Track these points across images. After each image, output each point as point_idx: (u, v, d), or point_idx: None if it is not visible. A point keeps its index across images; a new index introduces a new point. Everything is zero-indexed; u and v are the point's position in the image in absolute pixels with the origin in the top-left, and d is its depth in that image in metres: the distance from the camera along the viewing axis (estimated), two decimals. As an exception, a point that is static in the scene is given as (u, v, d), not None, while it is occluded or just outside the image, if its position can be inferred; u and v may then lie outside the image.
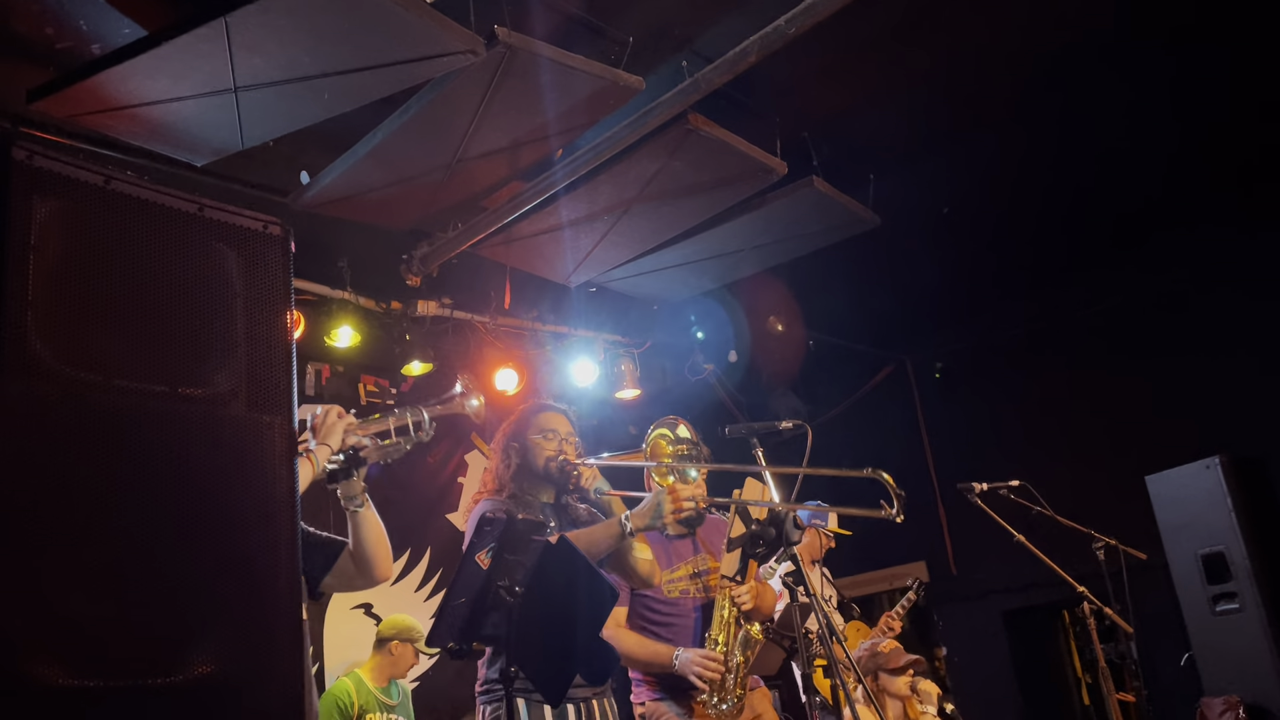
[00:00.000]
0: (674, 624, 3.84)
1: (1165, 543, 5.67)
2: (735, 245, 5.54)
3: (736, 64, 3.81)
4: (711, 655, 3.68)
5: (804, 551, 5.85)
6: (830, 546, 6.01)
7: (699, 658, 3.67)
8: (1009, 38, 4.47)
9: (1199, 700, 5.33)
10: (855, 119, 4.99)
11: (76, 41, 3.72)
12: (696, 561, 3.96)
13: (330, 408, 2.79)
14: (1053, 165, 5.58)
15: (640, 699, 3.87)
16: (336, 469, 2.76)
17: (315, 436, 2.75)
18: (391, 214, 4.78)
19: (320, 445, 2.71)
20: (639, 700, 3.88)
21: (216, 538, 1.91)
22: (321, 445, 2.71)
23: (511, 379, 6.58)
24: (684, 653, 3.70)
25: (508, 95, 3.85)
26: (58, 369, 1.77)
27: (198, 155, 4.08)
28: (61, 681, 1.68)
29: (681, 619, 3.86)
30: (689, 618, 3.87)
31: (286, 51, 3.43)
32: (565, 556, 2.63)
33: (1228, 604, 5.38)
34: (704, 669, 3.65)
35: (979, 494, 4.61)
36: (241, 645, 1.90)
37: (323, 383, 6.09)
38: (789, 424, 3.53)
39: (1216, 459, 5.53)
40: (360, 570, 2.87)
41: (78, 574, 1.74)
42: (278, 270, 2.11)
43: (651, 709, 3.83)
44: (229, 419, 1.98)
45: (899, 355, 7.94)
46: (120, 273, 1.88)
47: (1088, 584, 4.39)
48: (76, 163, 1.85)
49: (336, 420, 2.76)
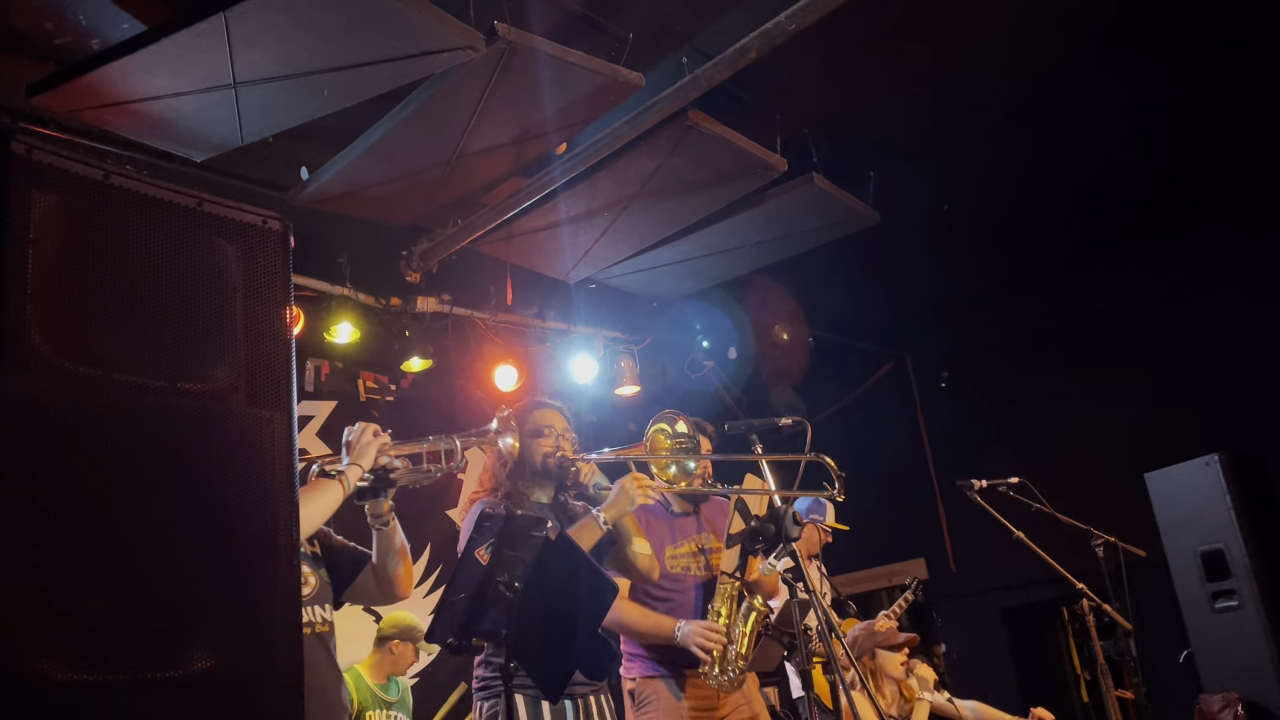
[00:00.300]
0: (675, 599, 3.87)
1: (1165, 540, 5.67)
2: (735, 242, 5.54)
3: (737, 60, 3.81)
4: (713, 626, 3.70)
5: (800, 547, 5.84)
6: (827, 541, 6.01)
7: (701, 628, 3.69)
8: (1010, 35, 4.46)
9: (1198, 697, 5.34)
10: (855, 116, 4.98)
11: (76, 36, 3.72)
12: (700, 539, 3.99)
13: (367, 426, 2.83)
14: (1053, 163, 5.57)
15: (631, 674, 3.88)
16: (366, 487, 2.80)
17: (349, 453, 2.79)
18: (391, 210, 4.78)
19: (352, 465, 2.75)
20: (629, 676, 3.89)
21: (215, 532, 1.91)
22: (353, 465, 2.75)
23: (511, 376, 6.58)
24: (686, 624, 3.73)
25: (507, 91, 3.85)
26: (57, 363, 1.77)
27: (197, 151, 4.07)
28: (60, 675, 1.68)
29: (683, 594, 3.89)
30: (690, 594, 3.90)
31: (286, 47, 3.42)
32: (565, 552, 2.63)
33: (1227, 601, 5.39)
34: (706, 639, 3.67)
35: (978, 491, 4.60)
36: (240, 639, 1.90)
37: (322, 379, 6.08)
38: (789, 421, 3.53)
39: (1216, 456, 5.53)
40: (381, 587, 2.92)
41: (77, 568, 1.74)
42: (277, 265, 2.10)
43: (641, 685, 3.84)
44: (228, 414, 1.98)
45: (899, 352, 7.94)
46: (119, 267, 1.87)
47: (1087, 581, 4.39)
48: (76, 157, 1.85)
49: (372, 439, 2.80)
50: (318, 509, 2.66)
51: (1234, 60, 4.81)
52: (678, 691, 3.78)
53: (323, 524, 2.77)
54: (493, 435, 3.07)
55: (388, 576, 2.89)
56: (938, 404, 7.76)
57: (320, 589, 2.84)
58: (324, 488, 2.69)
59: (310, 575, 2.82)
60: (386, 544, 2.88)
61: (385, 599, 2.96)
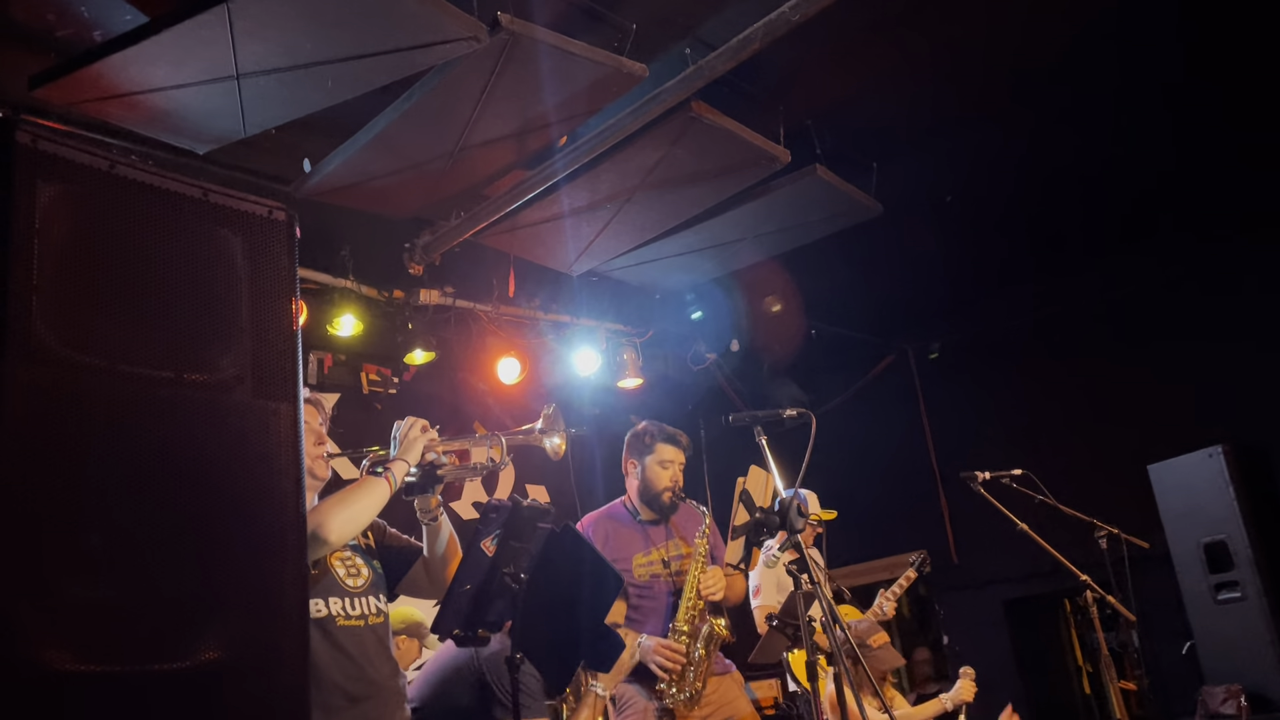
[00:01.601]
0: (643, 606, 3.91)
1: (1167, 531, 5.67)
2: (738, 234, 5.53)
3: (740, 51, 3.80)
4: (673, 645, 3.76)
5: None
6: (819, 532, 6.00)
7: (660, 646, 3.75)
8: (1012, 25, 4.45)
9: (1200, 689, 5.34)
10: (859, 107, 4.97)
11: (78, 28, 3.71)
12: (669, 547, 4.01)
13: (416, 421, 2.87)
14: (1055, 153, 5.56)
15: None
16: (414, 482, 2.84)
17: (395, 448, 2.83)
18: (394, 202, 4.77)
19: (398, 460, 2.79)
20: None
21: (222, 524, 1.91)
22: (400, 460, 2.79)
23: (514, 368, 6.58)
24: (647, 640, 3.77)
25: (510, 83, 3.84)
26: (63, 354, 1.77)
27: (200, 143, 4.07)
28: (67, 667, 1.68)
29: (651, 602, 3.93)
30: (660, 601, 3.93)
31: (288, 38, 3.42)
32: (570, 544, 2.63)
33: (1229, 593, 5.38)
34: (664, 659, 3.71)
35: (981, 483, 4.61)
36: (247, 631, 1.90)
37: (325, 372, 6.08)
38: (793, 412, 3.53)
39: (1219, 448, 5.52)
40: (432, 581, 2.95)
41: (83, 560, 1.74)
42: (283, 256, 2.10)
43: (621, 690, 3.89)
44: (234, 405, 1.97)
45: (901, 344, 7.93)
46: (125, 258, 1.87)
47: (1090, 573, 4.38)
48: (81, 147, 1.85)
49: (420, 435, 2.84)
50: (363, 507, 2.70)
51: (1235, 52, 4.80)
52: (652, 700, 3.83)
53: (373, 519, 2.81)
54: (537, 435, 3.10)
55: (438, 571, 2.92)
56: (940, 396, 7.75)
57: (374, 580, 2.87)
58: (370, 485, 2.73)
59: (363, 567, 2.86)
60: (435, 538, 2.93)
61: (436, 592, 2.97)
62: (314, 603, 2.67)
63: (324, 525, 2.59)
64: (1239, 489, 5.43)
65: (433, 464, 2.86)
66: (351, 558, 2.85)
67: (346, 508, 2.66)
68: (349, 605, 2.75)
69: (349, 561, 2.83)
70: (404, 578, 2.97)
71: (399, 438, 2.85)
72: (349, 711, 2.65)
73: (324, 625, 2.67)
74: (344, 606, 2.73)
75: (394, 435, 2.87)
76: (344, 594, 2.75)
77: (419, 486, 2.86)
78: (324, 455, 2.86)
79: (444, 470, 2.88)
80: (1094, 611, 4.37)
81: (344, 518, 2.65)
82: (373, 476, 2.76)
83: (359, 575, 2.83)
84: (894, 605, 5.69)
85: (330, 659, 2.66)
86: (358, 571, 2.83)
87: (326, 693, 2.61)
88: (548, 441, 3.07)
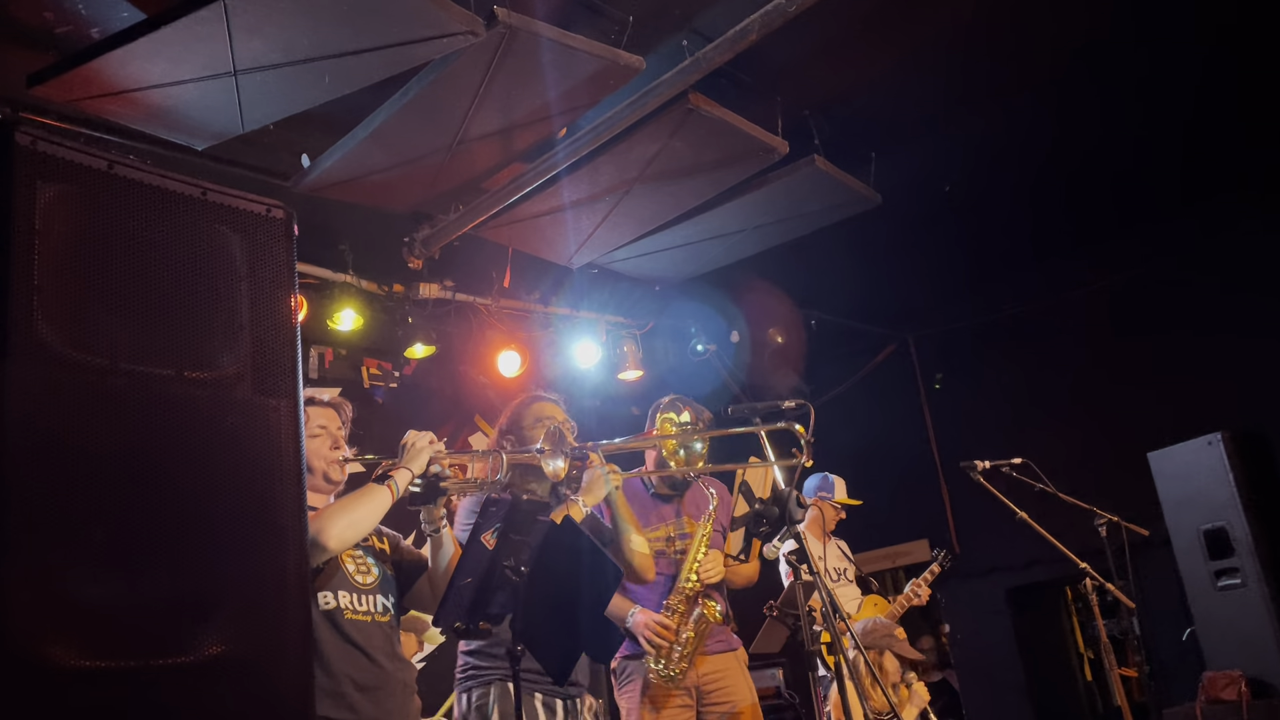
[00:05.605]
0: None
1: (1168, 519, 5.68)
2: (737, 225, 5.53)
3: (737, 43, 3.79)
4: (664, 622, 3.80)
5: (814, 526, 5.87)
6: (840, 518, 6.02)
7: (651, 621, 3.79)
8: (1011, 15, 4.44)
9: (1201, 675, 5.35)
10: (856, 97, 4.97)
11: (75, 25, 3.71)
12: (676, 525, 4.03)
13: (423, 433, 2.90)
14: (1054, 142, 5.56)
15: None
16: (418, 493, 2.86)
17: (401, 457, 2.86)
18: (393, 196, 4.77)
19: (402, 468, 2.82)
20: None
21: (224, 520, 1.92)
22: (403, 469, 2.82)
23: (514, 361, 6.58)
24: (638, 614, 3.81)
25: (508, 76, 3.84)
26: (64, 353, 1.78)
27: (198, 139, 4.07)
28: (73, 662, 1.70)
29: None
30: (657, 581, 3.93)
31: (286, 34, 3.42)
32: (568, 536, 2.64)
33: (1230, 579, 5.39)
34: (653, 634, 3.75)
35: (981, 472, 4.62)
36: (251, 626, 1.92)
37: (325, 366, 6.09)
38: (792, 403, 3.54)
39: (1219, 435, 5.53)
40: (435, 592, 2.97)
41: (87, 556, 1.75)
42: (281, 253, 2.11)
43: (622, 664, 3.95)
44: (235, 402, 1.99)
45: (901, 334, 7.93)
46: (125, 257, 1.88)
47: (1090, 560, 4.40)
48: (80, 147, 1.86)
49: (426, 445, 2.87)
50: (364, 514, 2.73)
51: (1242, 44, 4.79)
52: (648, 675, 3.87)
53: (375, 526, 2.83)
54: (538, 456, 3.11)
55: (440, 582, 2.94)
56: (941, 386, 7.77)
57: (383, 580, 2.91)
58: (371, 492, 2.76)
59: (373, 567, 2.90)
60: (438, 550, 2.96)
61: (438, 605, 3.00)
62: (324, 595, 2.72)
63: (324, 530, 2.61)
64: (1239, 476, 5.44)
65: (437, 475, 2.88)
66: (362, 557, 2.89)
67: (347, 514, 2.70)
68: (357, 600, 2.79)
69: (359, 560, 2.87)
70: (410, 590, 3.01)
71: (404, 446, 2.88)
72: (358, 699, 2.68)
73: (333, 617, 2.71)
74: (353, 600, 2.78)
75: (401, 444, 2.90)
76: (353, 589, 2.80)
77: (422, 497, 2.89)
78: (340, 460, 2.88)
79: (447, 483, 2.91)
80: (1094, 599, 4.39)
81: (345, 523, 2.68)
82: (375, 484, 2.79)
83: (368, 574, 2.87)
84: (928, 591, 5.77)
85: (339, 650, 2.69)
86: (367, 570, 2.88)
87: (335, 681, 2.64)
88: (549, 464, 3.07)
